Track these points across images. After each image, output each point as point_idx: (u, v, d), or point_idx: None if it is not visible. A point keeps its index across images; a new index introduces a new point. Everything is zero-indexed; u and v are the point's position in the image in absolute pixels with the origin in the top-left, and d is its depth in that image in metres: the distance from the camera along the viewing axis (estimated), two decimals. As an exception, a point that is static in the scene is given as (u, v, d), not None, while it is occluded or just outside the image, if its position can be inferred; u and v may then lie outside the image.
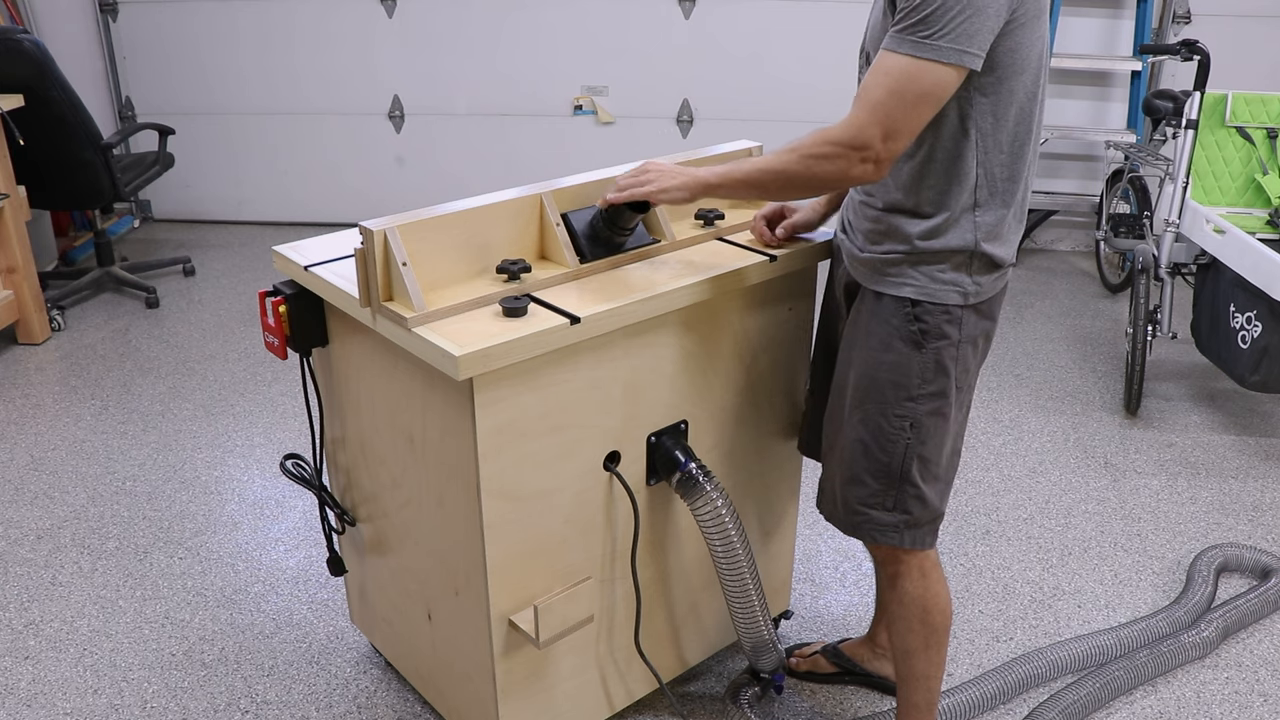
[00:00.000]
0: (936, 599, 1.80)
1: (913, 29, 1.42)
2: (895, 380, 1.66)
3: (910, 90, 1.44)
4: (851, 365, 1.73)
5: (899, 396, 1.66)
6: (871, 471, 1.72)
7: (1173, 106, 3.42)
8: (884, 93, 1.45)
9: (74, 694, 2.21)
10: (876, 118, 1.45)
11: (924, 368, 1.65)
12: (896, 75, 1.44)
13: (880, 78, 1.45)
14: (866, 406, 1.70)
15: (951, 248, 1.59)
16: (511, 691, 1.83)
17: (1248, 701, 2.20)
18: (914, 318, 1.63)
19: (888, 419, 1.68)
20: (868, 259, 1.67)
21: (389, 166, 5.03)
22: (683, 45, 4.72)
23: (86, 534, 2.75)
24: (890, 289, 1.64)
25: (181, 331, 3.99)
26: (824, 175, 1.52)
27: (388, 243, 1.60)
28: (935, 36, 1.41)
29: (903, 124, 1.46)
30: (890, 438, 1.68)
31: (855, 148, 1.47)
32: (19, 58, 3.67)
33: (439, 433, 1.69)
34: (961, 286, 1.61)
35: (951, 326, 1.63)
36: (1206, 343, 3.28)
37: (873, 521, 1.75)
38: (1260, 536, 2.76)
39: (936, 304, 1.62)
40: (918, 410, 1.67)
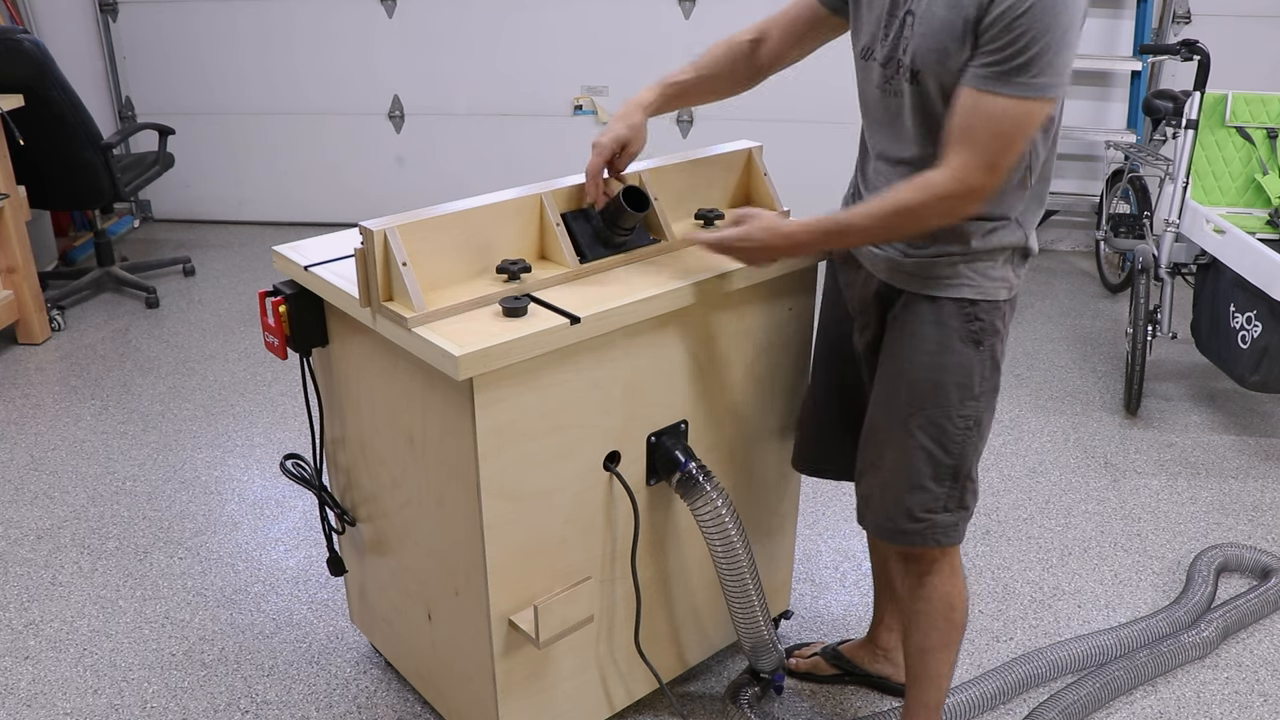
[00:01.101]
0: (962, 595, 1.82)
1: (1016, 71, 1.43)
2: (959, 381, 1.65)
3: (1016, 131, 1.47)
4: (902, 374, 1.69)
5: (963, 397, 1.66)
6: (936, 476, 1.70)
7: (1173, 106, 3.42)
8: (990, 136, 1.46)
9: (74, 694, 2.21)
10: (985, 161, 1.47)
11: (983, 365, 1.66)
12: (1000, 118, 1.45)
13: (984, 120, 1.46)
14: (928, 412, 1.67)
15: (1006, 245, 1.62)
16: (511, 691, 1.83)
17: (1248, 701, 2.20)
18: (973, 317, 1.64)
19: (952, 421, 1.67)
20: (916, 263, 1.65)
21: (389, 166, 5.03)
22: (683, 45, 4.72)
23: (86, 534, 2.75)
24: (948, 291, 1.63)
25: (181, 331, 3.99)
26: (939, 222, 1.56)
27: (388, 243, 1.60)
28: (1037, 75, 1.43)
29: (1008, 161, 1.49)
30: (956, 439, 1.68)
31: (969, 196, 1.50)
32: (19, 58, 3.67)
33: (439, 433, 1.69)
34: (1009, 281, 1.65)
35: (1001, 322, 1.67)
36: (1206, 343, 3.28)
37: (936, 526, 1.73)
38: (1260, 536, 2.76)
39: (990, 301, 1.64)
40: (980, 408, 1.69)
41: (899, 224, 1.57)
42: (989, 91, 1.45)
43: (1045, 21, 1.40)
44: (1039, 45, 1.41)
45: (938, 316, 1.65)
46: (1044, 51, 1.42)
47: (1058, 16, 1.40)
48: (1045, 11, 1.40)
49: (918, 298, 1.66)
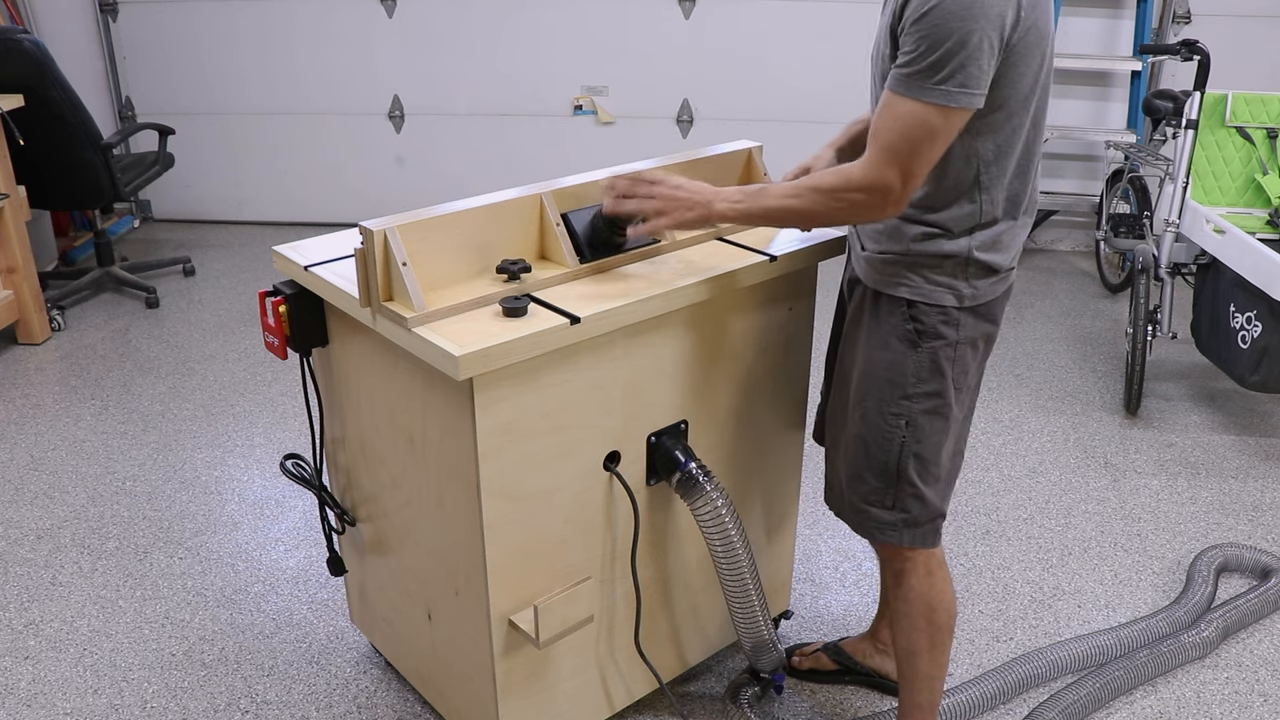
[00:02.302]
0: (942, 597, 1.81)
1: (920, 75, 1.45)
2: (891, 378, 1.68)
3: (922, 134, 1.47)
4: (854, 362, 1.75)
5: (894, 394, 1.68)
6: (871, 469, 1.74)
7: (1173, 106, 3.42)
8: (896, 137, 1.49)
9: (74, 694, 2.21)
10: (894, 161, 1.49)
11: (919, 367, 1.66)
12: (907, 120, 1.47)
13: (892, 122, 1.49)
14: (865, 403, 1.72)
15: (945, 253, 1.61)
16: (511, 691, 1.83)
17: (1248, 701, 2.20)
18: (910, 318, 1.65)
19: (884, 416, 1.70)
20: (868, 258, 1.70)
21: (389, 166, 5.03)
22: (683, 45, 4.72)
23: (86, 534, 2.75)
24: (887, 289, 1.66)
25: (181, 331, 3.99)
26: (848, 217, 1.59)
27: (388, 243, 1.60)
28: (941, 81, 1.44)
29: (918, 165, 1.50)
30: (887, 435, 1.70)
31: (878, 190, 1.52)
32: (19, 58, 3.67)
33: (439, 433, 1.69)
34: (956, 289, 1.63)
35: (948, 327, 1.64)
36: (1206, 343, 3.28)
37: (873, 519, 1.77)
38: (1260, 536, 2.76)
39: (932, 305, 1.63)
40: (913, 409, 1.68)
41: (812, 203, 1.58)
42: (897, 93, 1.48)
43: (949, 27, 1.41)
44: (941, 50, 1.42)
45: (878, 311, 1.69)
46: (948, 57, 1.42)
47: (963, 22, 1.41)
48: (949, 16, 1.41)
49: (869, 291, 1.71)
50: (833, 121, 1.91)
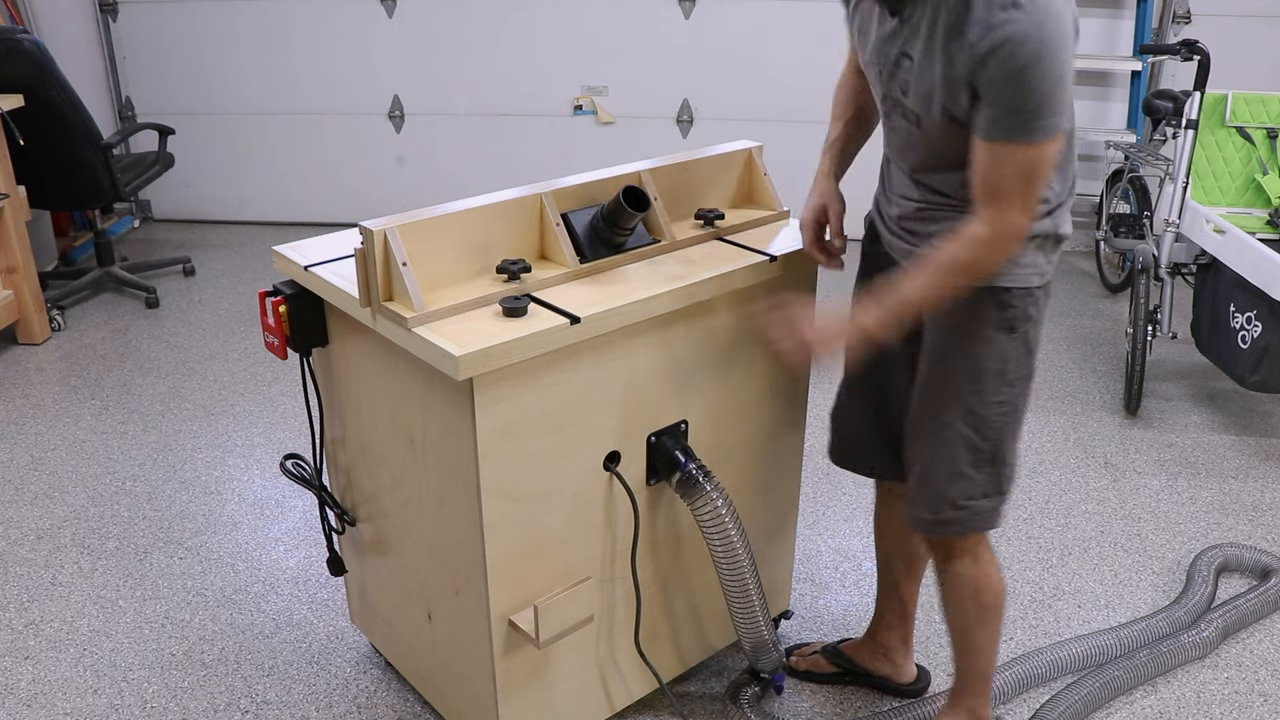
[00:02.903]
0: (989, 580, 1.85)
1: (1026, 120, 1.46)
2: (995, 368, 1.69)
3: (1037, 171, 1.51)
4: (940, 365, 1.74)
5: (999, 384, 1.70)
6: (976, 463, 1.74)
7: (1173, 106, 3.42)
8: (1014, 183, 1.51)
9: (74, 694, 2.21)
10: (1017, 205, 1.52)
11: (1018, 352, 1.69)
12: (1022, 164, 1.50)
13: (1006, 171, 1.50)
14: (968, 400, 1.71)
15: (1035, 233, 1.63)
16: (511, 691, 1.83)
17: (1248, 701, 2.20)
18: (1006, 304, 1.66)
19: (989, 407, 1.70)
20: None
21: (389, 166, 5.03)
22: (683, 45, 4.72)
23: (86, 534, 2.75)
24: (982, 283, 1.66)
25: (181, 331, 3.99)
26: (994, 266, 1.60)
27: (388, 243, 1.60)
28: (1046, 118, 1.46)
29: (1037, 195, 1.54)
30: (994, 425, 1.72)
31: (1014, 236, 1.55)
32: (19, 58, 3.67)
33: (439, 433, 1.69)
34: (1039, 268, 1.67)
35: (1034, 308, 1.69)
36: (1206, 343, 3.28)
37: (976, 513, 1.78)
38: (1260, 536, 2.76)
39: (1022, 288, 1.66)
40: (1015, 394, 1.72)
41: (955, 280, 1.60)
42: (1003, 142, 1.49)
43: (1041, 69, 1.42)
44: (1040, 93, 1.44)
45: (972, 306, 1.67)
46: (1048, 97, 1.45)
47: (1054, 60, 1.43)
48: (1040, 60, 1.42)
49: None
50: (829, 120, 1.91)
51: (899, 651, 2.19)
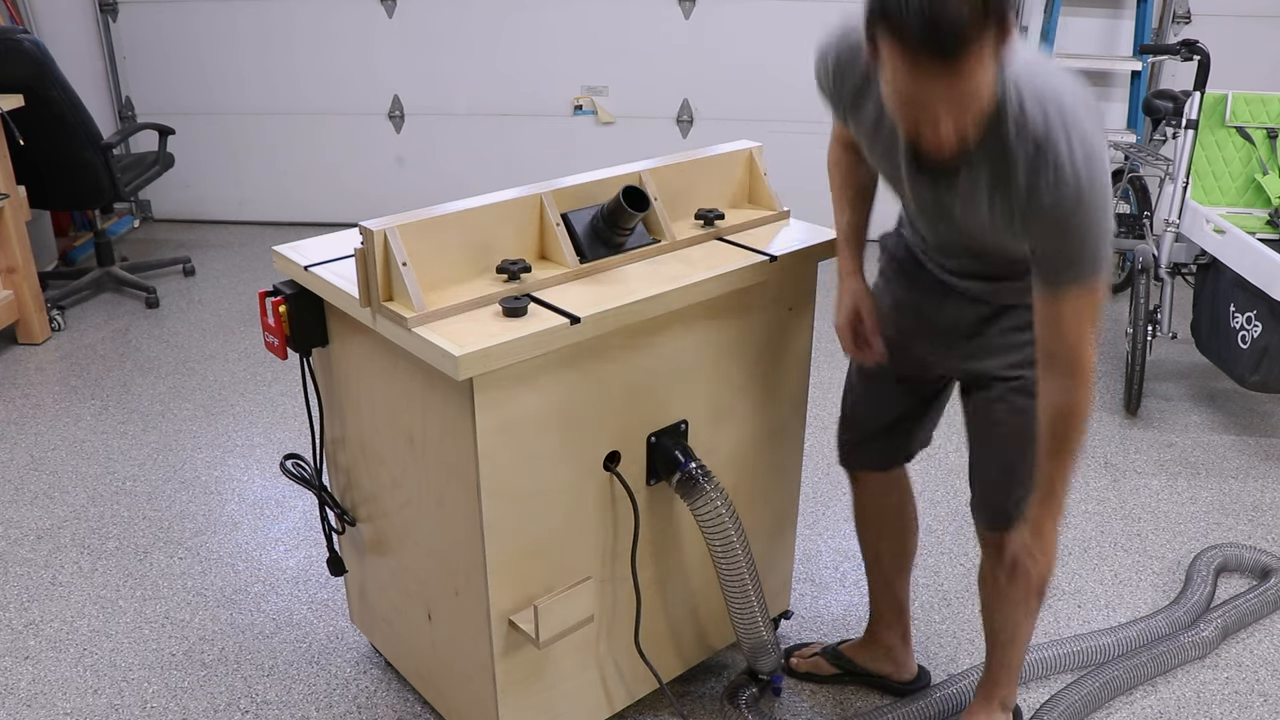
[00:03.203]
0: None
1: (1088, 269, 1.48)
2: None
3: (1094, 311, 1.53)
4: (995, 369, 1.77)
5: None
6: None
7: (1173, 106, 3.42)
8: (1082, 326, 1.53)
9: (74, 694, 2.21)
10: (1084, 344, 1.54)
11: None
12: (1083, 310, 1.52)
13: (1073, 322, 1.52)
14: (1021, 396, 1.73)
15: None
16: (511, 691, 1.83)
17: (1248, 701, 2.20)
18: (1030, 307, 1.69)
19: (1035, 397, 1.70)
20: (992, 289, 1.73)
21: (389, 166, 5.03)
22: (683, 45, 4.72)
23: (86, 534, 2.75)
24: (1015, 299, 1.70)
25: (181, 331, 3.99)
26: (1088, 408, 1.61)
27: (388, 243, 1.60)
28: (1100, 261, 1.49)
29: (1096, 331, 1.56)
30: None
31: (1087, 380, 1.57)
32: (19, 58, 3.67)
33: (439, 433, 1.69)
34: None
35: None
36: (1206, 343, 3.28)
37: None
38: (1260, 536, 2.76)
39: None
40: None
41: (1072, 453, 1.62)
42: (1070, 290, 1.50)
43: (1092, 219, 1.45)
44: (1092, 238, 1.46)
45: (1005, 316, 1.71)
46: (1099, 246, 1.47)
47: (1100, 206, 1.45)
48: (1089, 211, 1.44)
49: (989, 308, 1.74)
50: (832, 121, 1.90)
51: (900, 649, 2.19)
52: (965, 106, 1.36)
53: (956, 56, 1.29)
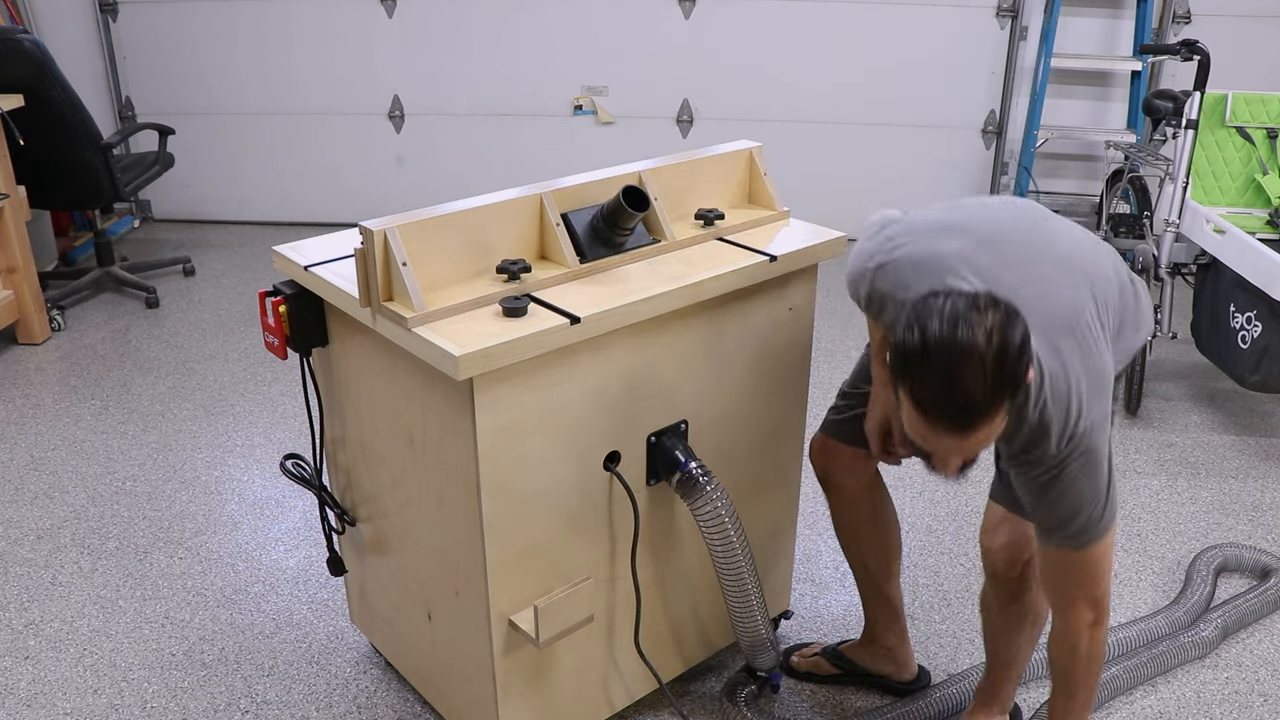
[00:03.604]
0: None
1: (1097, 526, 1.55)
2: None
3: (1099, 566, 1.60)
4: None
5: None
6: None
7: (1173, 106, 3.41)
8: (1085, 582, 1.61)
9: (74, 694, 2.21)
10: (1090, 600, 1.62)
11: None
12: (1096, 563, 1.59)
13: (1089, 569, 1.60)
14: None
15: None
16: (511, 691, 1.83)
17: (1248, 701, 2.20)
18: None
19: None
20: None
21: (389, 166, 5.03)
22: (683, 45, 4.72)
23: (86, 534, 2.75)
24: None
25: (181, 331, 3.99)
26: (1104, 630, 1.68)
27: (388, 243, 1.60)
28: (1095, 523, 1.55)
29: (1105, 585, 1.63)
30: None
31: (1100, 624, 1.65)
32: (19, 58, 3.67)
33: (439, 433, 1.69)
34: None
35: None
36: (1206, 343, 3.28)
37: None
38: (1260, 536, 2.76)
39: None
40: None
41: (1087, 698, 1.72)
42: (1077, 550, 1.57)
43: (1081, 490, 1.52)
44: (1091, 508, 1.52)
45: None
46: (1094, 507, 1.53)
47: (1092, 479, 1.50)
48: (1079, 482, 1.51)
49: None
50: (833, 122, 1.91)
51: (900, 649, 2.19)
52: (974, 452, 1.44)
53: (969, 429, 1.36)
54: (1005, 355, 1.33)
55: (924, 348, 1.34)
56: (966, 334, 1.32)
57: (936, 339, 1.33)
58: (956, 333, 1.32)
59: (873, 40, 4.61)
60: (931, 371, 1.34)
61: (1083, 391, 1.49)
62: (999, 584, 1.86)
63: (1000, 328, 1.33)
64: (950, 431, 1.37)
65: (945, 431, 1.37)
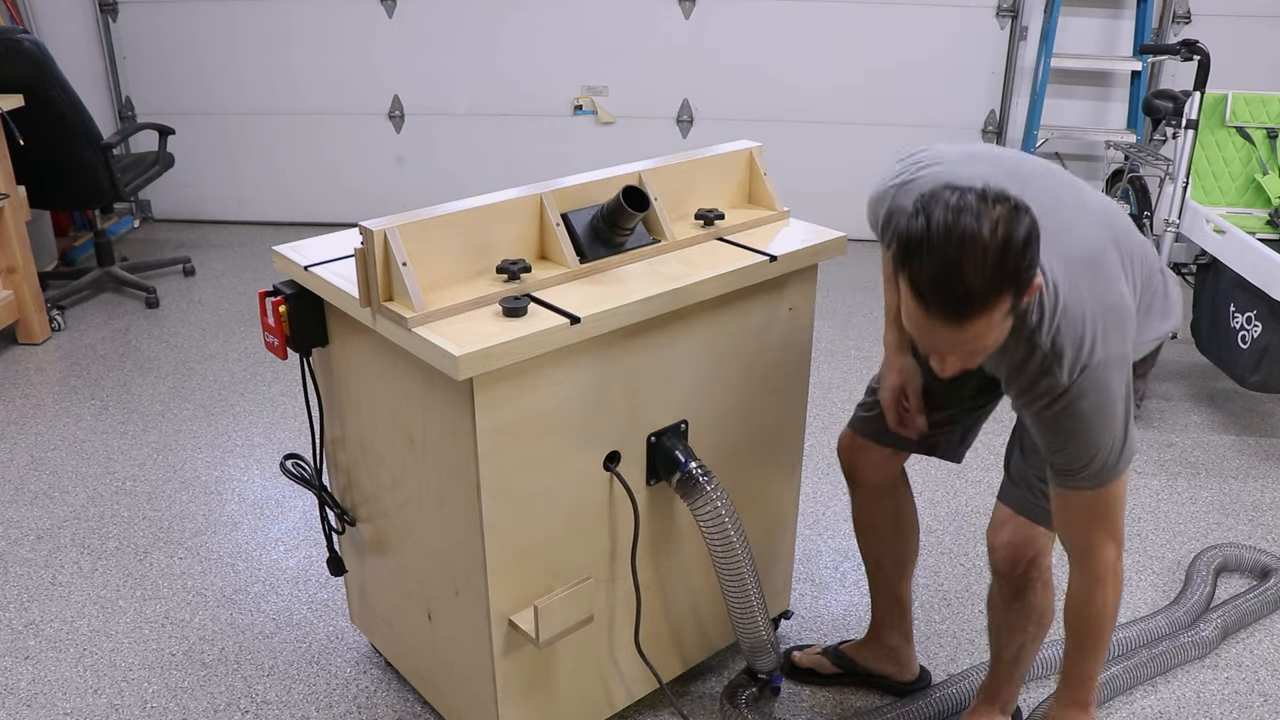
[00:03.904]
0: (1053, 602, 1.91)
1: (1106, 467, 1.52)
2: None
3: (1111, 508, 1.58)
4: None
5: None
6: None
7: (1173, 106, 3.42)
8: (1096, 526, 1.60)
9: (74, 694, 2.21)
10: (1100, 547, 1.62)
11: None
12: (1095, 509, 1.58)
13: (1079, 517, 1.60)
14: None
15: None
16: (511, 691, 1.83)
17: (1248, 701, 2.20)
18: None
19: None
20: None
21: (389, 166, 5.03)
22: (683, 45, 4.72)
23: (86, 534, 2.75)
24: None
25: (181, 331, 3.99)
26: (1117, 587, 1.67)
27: (388, 243, 1.60)
28: (1108, 465, 1.52)
29: (1118, 525, 1.61)
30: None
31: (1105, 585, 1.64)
32: (19, 58, 3.67)
33: (439, 433, 1.69)
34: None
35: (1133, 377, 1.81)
36: (1206, 343, 3.28)
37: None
38: (1260, 536, 2.76)
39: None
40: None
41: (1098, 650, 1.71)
42: (1088, 489, 1.55)
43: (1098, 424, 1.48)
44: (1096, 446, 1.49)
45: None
46: (1105, 447, 1.50)
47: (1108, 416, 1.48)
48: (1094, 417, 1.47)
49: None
50: (833, 121, 1.91)
51: (904, 650, 2.19)
52: (970, 352, 1.43)
53: (965, 320, 1.34)
54: (1008, 248, 1.31)
55: (927, 232, 1.32)
56: (970, 222, 1.31)
57: (940, 224, 1.32)
58: (961, 219, 1.31)
59: (873, 40, 4.61)
60: (931, 255, 1.32)
61: (1099, 324, 1.46)
62: (1002, 582, 1.86)
63: (1006, 220, 1.32)
64: (947, 321, 1.35)
65: (941, 321, 1.35)
